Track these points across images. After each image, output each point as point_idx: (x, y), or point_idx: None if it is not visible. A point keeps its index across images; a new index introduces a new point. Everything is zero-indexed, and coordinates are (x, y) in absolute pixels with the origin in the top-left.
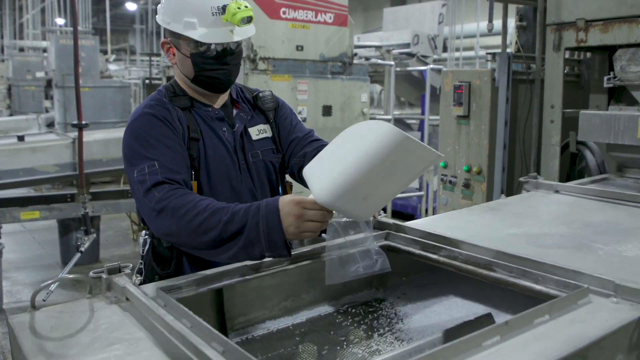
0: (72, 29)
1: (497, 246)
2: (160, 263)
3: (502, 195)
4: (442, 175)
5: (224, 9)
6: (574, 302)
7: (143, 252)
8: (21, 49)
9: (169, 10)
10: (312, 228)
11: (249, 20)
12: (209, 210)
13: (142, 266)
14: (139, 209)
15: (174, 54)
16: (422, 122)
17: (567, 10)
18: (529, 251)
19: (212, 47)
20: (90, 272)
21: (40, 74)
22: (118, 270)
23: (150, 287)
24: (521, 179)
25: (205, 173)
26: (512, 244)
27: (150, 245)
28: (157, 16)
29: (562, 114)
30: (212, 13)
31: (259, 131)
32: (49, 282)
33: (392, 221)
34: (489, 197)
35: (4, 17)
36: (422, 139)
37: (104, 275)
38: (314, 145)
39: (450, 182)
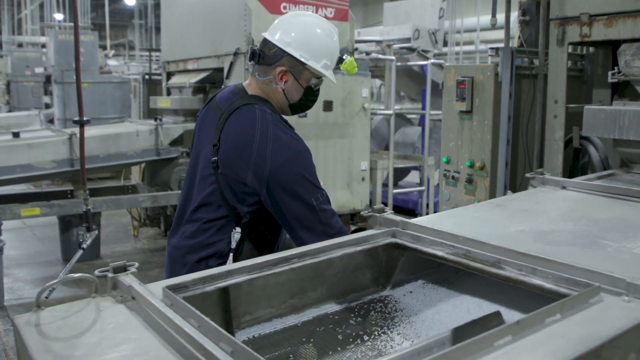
0: (71, 24)
1: (505, 243)
2: (262, 251)
3: (509, 191)
4: (445, 170)
5: (341, 59)
6: (586, 301)
7: (234, 246)
8: (20, 45)
9: (309, 49)
10: None
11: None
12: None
13: (231, 257)
14: (313, 226)
15: (285, 80)
16: (422, 117)
17: (571, 4)
18: (537, 248)
19: (318, 84)
20: (96, 271)
21: (39, 70)
22: (124, 269)
23: (156, 286)
24: (527, 174)
25: None
26: (520, 241)
27: (244, 239)
28: (288, 48)
29: (566, 109)
30: (336, 62)
31: None
32: (54, 281)
33: (398, 218)
34: (492, 193)
35: (2, 13)
36: (422, 133)
37: (109, 274)
38: None
39: (453, 177)
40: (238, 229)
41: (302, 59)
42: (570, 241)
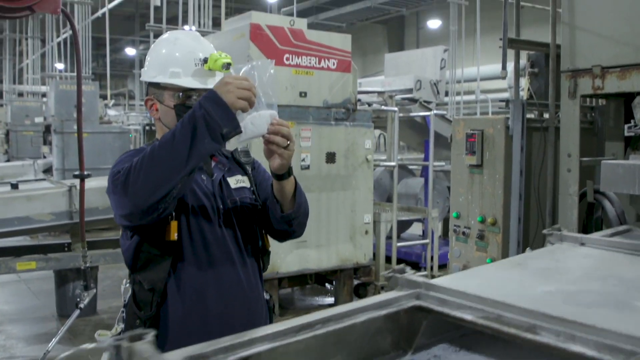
0: (72, 74)
1: (533, 305)
2: (142, 307)
3: (528, 249)
4: (455, 226)
5: (205, 60)
6: None
7: (125, 300)
8: (20, 94)
9: (154, 65)
10: (243, 94)
11: (228, 66)
12: (157, 142)
13: (124, 314)
14: (113, 204)
15: (156, 109)
16: (425, 168)
17: (582, 56)
18: (568, 311)
19: (193, 97)
20: (109, 340)
21: (39, 119)
22: (139, 337)
23: (175, 355)
24: (545, 231)
25: (184, 218)
26: (549, 303)
27: (131, 291)
28: (141, 77)
29: (579, 163)
30: (195, 64)
31: (237, 181)
32: (67, 353)
33: (421, 279)
34: (505, 249)
35: (4, 62)
36: (425, 185)
37: (124, 344)
38: None
39: (463, 233)
40: (125, 281)
41: (151, 79)
42: (600, 302)
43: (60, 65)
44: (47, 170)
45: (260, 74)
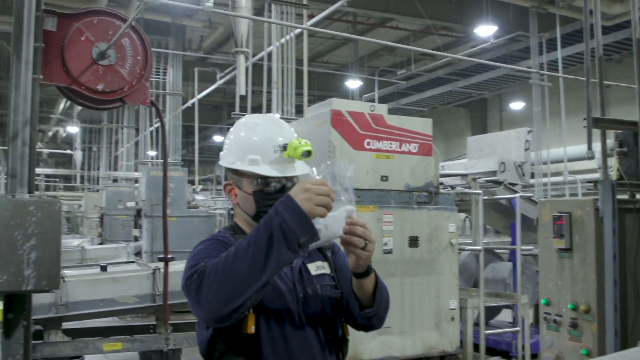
0: (162, 160)
1: None
2: None
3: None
4: (545, 313)
5: (284, 147)
6: None
7: None
8: (115, 180)
9: (232, 151)
10: (322, 201)
11: (308, 154)
12: (233, 248)
13: None
14: (191, 307)
15: (235, 195)
16: (513, 252)
17: None
18: None
19: (272, 184)
20: None
21: (130, 204)
22: None
23: None
24: None
25: (264, 310)
26: None
27: None
28: (220, 161)
29: None
30: (274, 151)
31: (317, 267)
32: None
33: None
34: (601, 339)
35: (101, 150)
36: (514, 269)
37: None
38: None
39: (554, 321)
40: None
41: (229, 165)
42: None
43: (152, 152)
44: (138, 253)
45: (338, 175)
